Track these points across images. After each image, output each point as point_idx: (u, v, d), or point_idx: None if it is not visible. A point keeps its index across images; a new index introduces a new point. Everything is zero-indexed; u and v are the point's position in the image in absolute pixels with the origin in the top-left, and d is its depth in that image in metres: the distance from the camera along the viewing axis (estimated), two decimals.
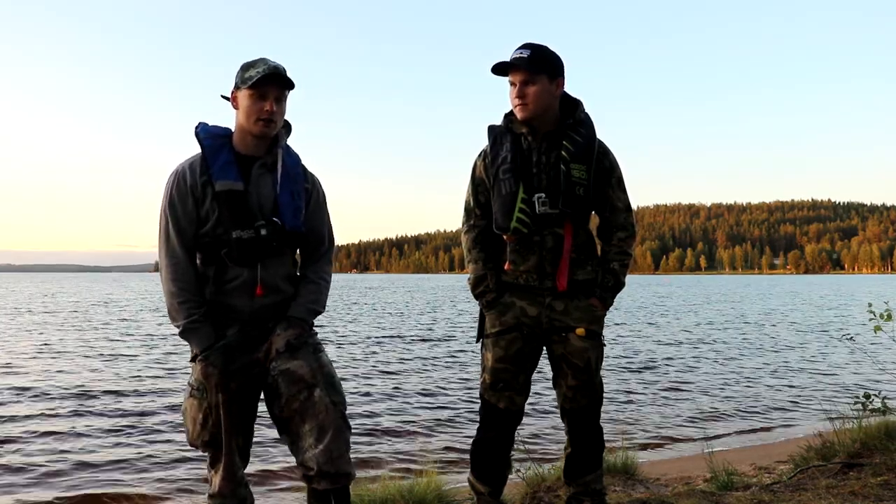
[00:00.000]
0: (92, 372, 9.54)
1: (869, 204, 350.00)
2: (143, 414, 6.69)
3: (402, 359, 11.36)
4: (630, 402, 7.59)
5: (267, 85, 2.12)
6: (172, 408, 6.82)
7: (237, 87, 2.17)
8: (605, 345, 2.54)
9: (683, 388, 8.55)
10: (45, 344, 13.21)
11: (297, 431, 2.15)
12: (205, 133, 2.21)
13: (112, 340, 13.96)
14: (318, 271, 2.32)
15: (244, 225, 2.13)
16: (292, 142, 2.34)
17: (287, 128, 2.31)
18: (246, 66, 2.16)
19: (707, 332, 16.88)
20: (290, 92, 2.21)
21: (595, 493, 2.57)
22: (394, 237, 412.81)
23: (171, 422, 6.24)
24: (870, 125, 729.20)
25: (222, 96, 2.23)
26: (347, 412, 2.24)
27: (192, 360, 2.17)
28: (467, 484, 2.72)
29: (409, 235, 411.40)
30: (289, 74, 2.18)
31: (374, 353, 12.16)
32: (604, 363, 2.58)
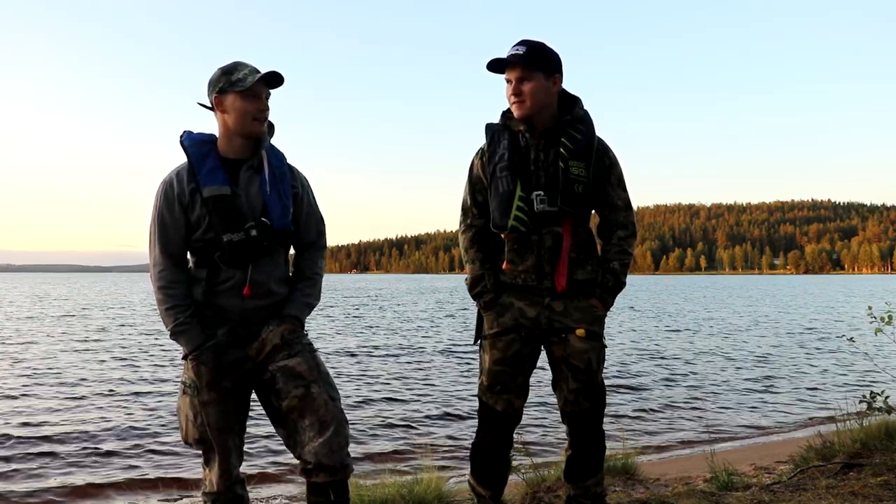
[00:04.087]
0: (90, 369, 9.54)
1: (869, 204, 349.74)
2: (141, 410, 6.69)
3: (402, 358, 11.36)
4: (630, 401, 7.59)
5: (260, 85, 2.17)
6: (168, 406, 6.82)
7: (223, 92, 2.17)
8: (605, 346, 2.50)
9: (683, 388, 8.54)
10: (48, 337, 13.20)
11: (294, 426, 2.19)
12: (189, 141, 2.23)
13: (108, 338, 13.96)
14: (312, 266, 2.35)
15: (234, 228, 2.15)
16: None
17: (270, 128, 2.32)
18: (228, 71, 2.17)
19: (707, 332, 16.88)
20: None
21: (595, 497, 2.55)
22: (394, 237, 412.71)
23: (168, 420, 6.24)
24: (870, 125, 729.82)
25: (199, 104, 2.24)
26: (347, 411, 2.27)
27: (184, 358, 2.20)
28: (467, 485, 2.71)
29: (409, 235, 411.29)
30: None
31: (375, 353, 12.16)
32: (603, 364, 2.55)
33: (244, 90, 2.14)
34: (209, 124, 2.29)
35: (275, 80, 2.19)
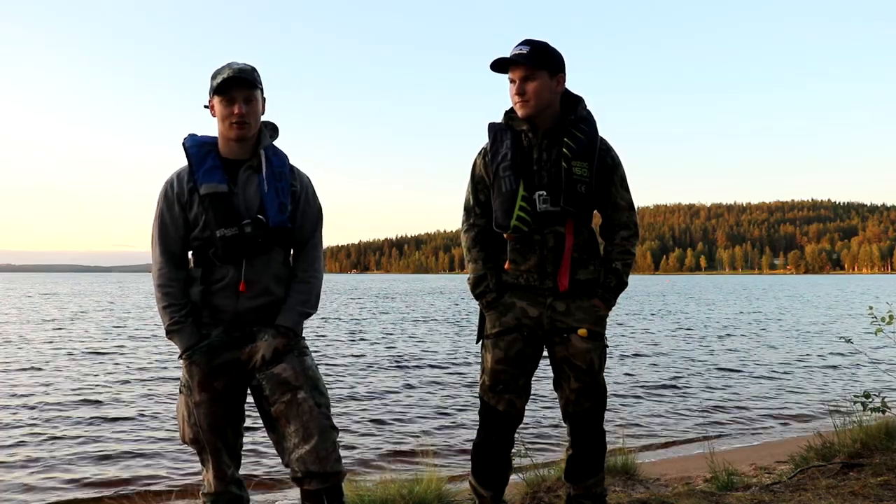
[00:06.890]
0: (94, 372, 9.54)
1: (869, 204, 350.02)
2: (140, 411, 6.69)
3: (403, 358, 11.36)
4: (630, 401, 7.59)
5: (231, 88, 2.14)
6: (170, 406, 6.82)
7: (211, 96, 2.19)
8: (607, 346, 2.50)
9: (683, 388, 8.55)
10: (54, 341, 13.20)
11: (282, 432, 2.19)
12: (191, 142, 2.26)
13: (112, 339, 13.96)
14: (309, 269, 2.32)
15: (229, 224, 2.16)
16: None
17: (273, 130, 2.33)
18: (214, 74, 2.19)
19: (707, 331, 16.88)
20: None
21: (596, 496, 2.55)
22: (394, 237, 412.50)
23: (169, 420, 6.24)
24: (869, 125, 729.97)
25: (204, 106, 2.27)
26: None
27: (180, 357, 2.22)
28: (468, 485, 2.71)
29: (409, 235, 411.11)
30: (258, 74, 2.21)
31: (375, 353, 12.16)
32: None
33: (217, 93, 2.15)
34: (212, 125, 2.30)
35: (240, 81, 2.13)
